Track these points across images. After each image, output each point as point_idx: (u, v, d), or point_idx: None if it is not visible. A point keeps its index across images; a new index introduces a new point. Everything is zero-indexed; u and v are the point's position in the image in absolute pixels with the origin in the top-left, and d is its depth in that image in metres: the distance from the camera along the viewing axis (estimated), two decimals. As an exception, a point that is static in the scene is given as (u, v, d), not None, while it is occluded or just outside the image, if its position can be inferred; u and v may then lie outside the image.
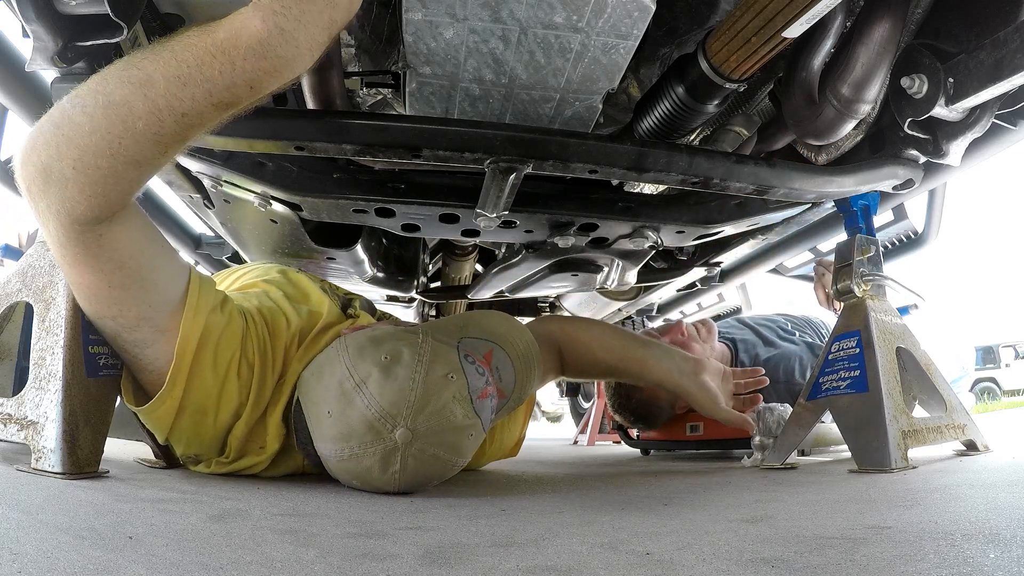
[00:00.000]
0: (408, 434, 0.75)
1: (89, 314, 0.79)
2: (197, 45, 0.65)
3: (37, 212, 0.71)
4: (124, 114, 0.65)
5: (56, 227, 0.70)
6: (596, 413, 2.84)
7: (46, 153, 0.67)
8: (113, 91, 0.66)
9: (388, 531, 0.60)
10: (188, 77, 0.65)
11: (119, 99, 0.65)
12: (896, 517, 0.59)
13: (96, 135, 0.66)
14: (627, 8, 0.79)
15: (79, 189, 0.68)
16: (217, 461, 0.88)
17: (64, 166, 0.67)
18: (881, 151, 1.07)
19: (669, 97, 0.95)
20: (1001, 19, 0.81)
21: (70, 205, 0.69)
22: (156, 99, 0.65)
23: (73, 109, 0.67)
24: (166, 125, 0.66)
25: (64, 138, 0.66)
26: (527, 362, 0.95)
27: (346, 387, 0.78)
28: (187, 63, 0.65)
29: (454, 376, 0.79)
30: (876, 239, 1.13)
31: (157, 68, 0.65)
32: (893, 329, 1.05)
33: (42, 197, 0.69)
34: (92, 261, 0.73)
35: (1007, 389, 10.99)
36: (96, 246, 0.72)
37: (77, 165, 0.67)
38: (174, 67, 0.65)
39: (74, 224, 0.70)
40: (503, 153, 0.92)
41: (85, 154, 0.66)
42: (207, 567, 0.44)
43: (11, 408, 0.76)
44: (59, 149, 0.66)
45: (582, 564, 0.48)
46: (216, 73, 0.65)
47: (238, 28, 0.65)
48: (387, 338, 0.82)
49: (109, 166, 0.67)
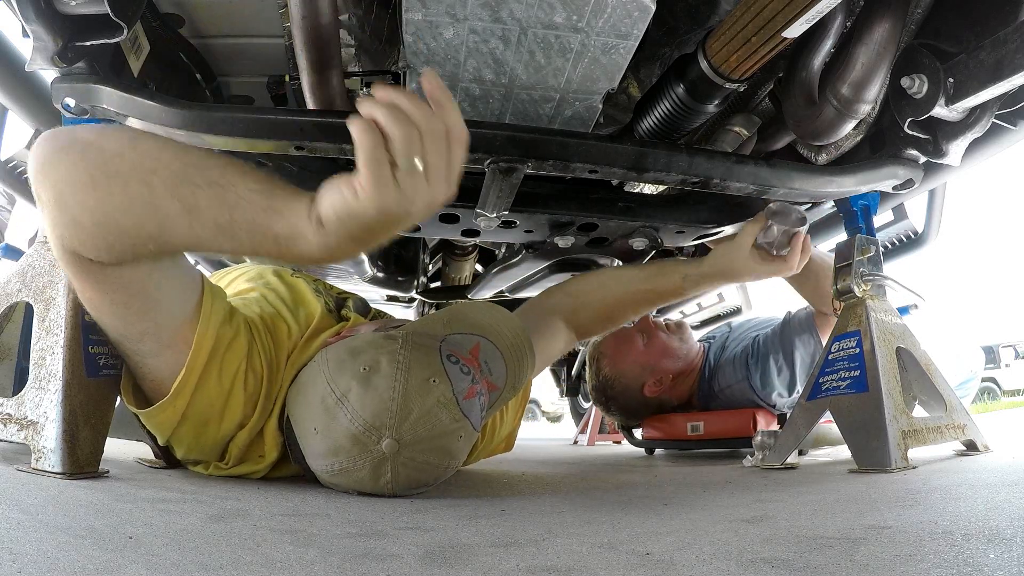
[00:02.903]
0: (395, 444, 0.74)
1: (93, 318, 0.77)
2: (256, 219, 0.64)
3: (43, 219, 0.69)
4: (161, 218, 0.65)
5: (58, 250, 0.69)
6: (596, 413, 2.83)
7: (69, 192, 0.64)
8: (162, 197, 0.64)
9: (388, 531, 0.60)
10: (231, 232, 0.65)
11: (165, 205, 0.64)
12: (896, 517, 0.59)
13: (128, 216, 0.65)
14: (627, 8, 0.79)
15: (91, 239, 0.66)
16: (216, 465, 0.88)
17: (82, 215, 0.65)
18: (881, 151, 1.07)
19: (669, 97, 0.95)
20: (1001, 19, 0.81)
21: (77, 245, 0.67)
22: (197, 228, 0.65)
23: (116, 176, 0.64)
24: (198, 242, 0.67)
25: (94, 192, 0.64)
26: (517, 350, 0.94)
27: (328, 403, 0.77)
28: (238, 223, 0.65)
29: (436, 380, 0.77)
30: (876, 239, 1.13)
31: (211, 204, 0.64)
32: (893, 329, 1.05)
33: (49, 220, 0.66)
34: (94, 284, 0.72)
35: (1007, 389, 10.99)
36: (100, 274, 0.70)
37: (100, 222, 0.65)
38: (226, 216, 0.64)
39: (78, 258, 0.68)
40: (503, 153, 0.92)
41: (109, 220, 0.65)
42: (207, 567, 0.44)
43: (11, 408, 0.76)
44: (84, 198, 0.64)
45: (582, 564, 0.48)
46: (255, 245, 0.67)
47: (297, 235, 0.65)
48: (365, 347, 0.81)
49: (131, 244, 0.67)
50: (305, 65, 0.88)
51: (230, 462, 0.87)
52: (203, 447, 0.85)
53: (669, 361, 1.78)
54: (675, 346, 1.79)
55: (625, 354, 1.79)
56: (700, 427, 1.75)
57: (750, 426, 1.62)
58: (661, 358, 1.77)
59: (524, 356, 0.94)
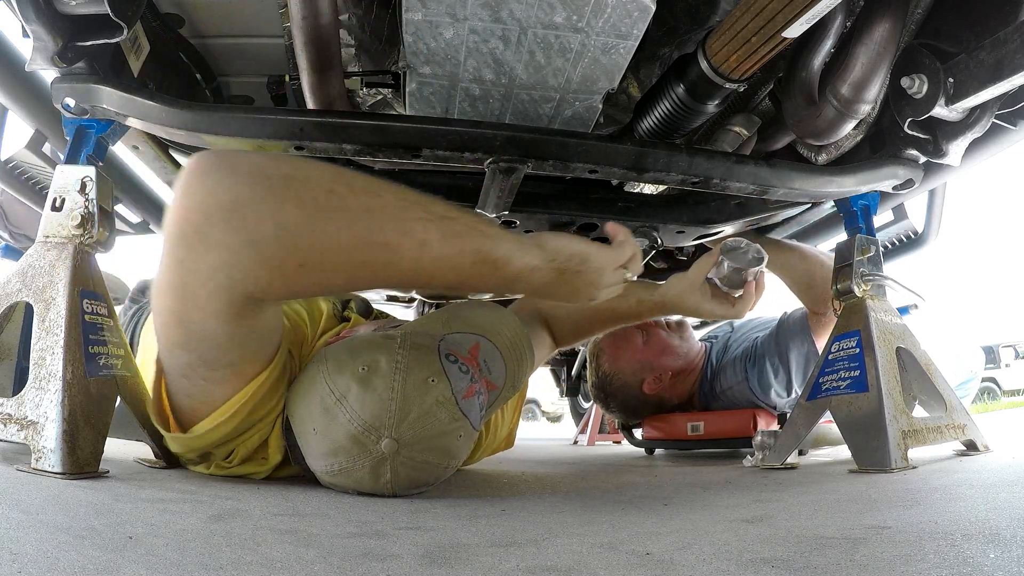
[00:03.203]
0: (394, 444, 0.74)
1: (170, 344, 0.72)
2: (482, 246, 0.70)
3: (189, 265, 0.62)
4: (389, 254, 0.65)
5: (221, 291, 0.62)
6: (596, 413, 2.83)
7: (274, 232, 0.59)
8: (391, 232, 0.64)
9: (388, 531, 0.60)
10: (456, 262, 0.69)
11: (394, 240, 0.64)
12: (896, 517, 0.59)
13: (350, 254, 0.64)
14: (627, 8, 0.80)
15: (286, 279, 0.63)
16: (219, 464, 0.88)
17: (287, 256, 0.61)
18: (881, 151, 1.07)
19: (669, 97, 0.95)
20: (1001, 19, 0.81)
21: (259, 287, 0.62)
22: (424, 261, 0.66)
23: (336, 212, 0.62)
24: (416, 276, 0.68)
25: (310, 231, 0.61)
26: (517, 350, 0.94)
27: (327, 403, 0.76)
28: (467, 251, 0.69)
29: (434, 379, 0.77)
30: (876, 239, 1.13)
31: (442, 236, 0.67)
32: (893, 329, 1.05)
33: (223, 260, 0.60)
34: (237, 320, 0.67)
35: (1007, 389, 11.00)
36: (252, 310, 0.67)
37: (305, 262, 0.62)
38: (457, 246, 0.68)
39: (243, 299, 0.64)
40: (503, 153, 0.92)
41: (325, 259, 0.63)
42: (207, 567, 0.44)
43: (11, 408, 0.76)
44: (296, 239, 0.60)
45: (582, 564, 0.48)
46: (476, 271, 0.71)
47: (527, 273, 0.74)
48: (364, 348, 0.80)
49: (330, 281, 0.66)
50: (305, 65, 0.88)
51: (235, 460, 0.87)
52: (215, 451, 0.85)
53: (668, 359, 1.78)
54: (675, 344, 1.79)
55: (624, 351, 1.79)
56: (700, 427, 1.75)
57: (750, 426, 1.62)
58: (660, 355, 1.78)
59: (523, 355, 0.94)
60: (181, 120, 0.88)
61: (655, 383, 1.78)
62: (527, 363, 0.96)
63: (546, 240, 0.77)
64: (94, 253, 0.88)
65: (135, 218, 1.70)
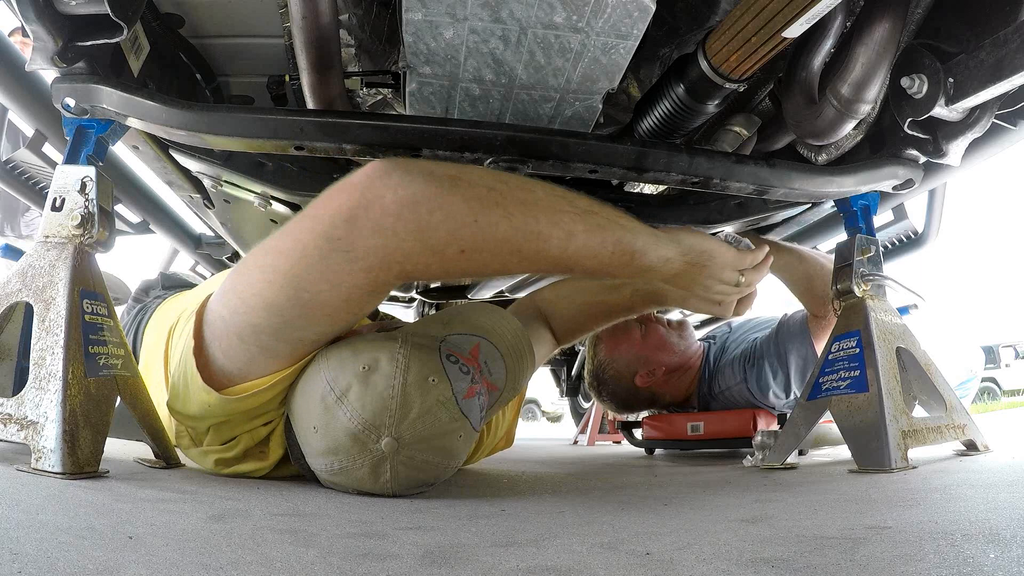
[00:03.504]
0: (394, 443, 0.75)
1: (256, 303, 0.74)
2: (623, 237, 0.79)
3: (344, 245, 0.69)
4: (541, 243, 0.74)
5: (380, 272, 0.71)
6: (596, 413, 2.84)
7: (444, 224, 0.69)
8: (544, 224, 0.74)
9: (388, 531, 0.60)
10: (596, 251, 0.78)
11: (546, 231, 0.74)
12: (896, 517, 0.59)
13: (505, 244, 0.73)
14: (627, 8, 0.80)
15: (443, 264, 0.72)
16: (218, 459, 0.88)
17: (450, 245, 0.70)
18: (881, 151, 1.07)
19: (669, 97, 0.95)
20: (1001, 19, 0.81)
21: (417, 269, 0.71)
22: (571, 250, 0.76)
23: (496, 207, 0.72)
24: (559, 262, 0.77)
25: (474, 223, 0.70)
26: (517, 352, 0.94)
27: (328, 401, 0.77)
28: (607, 242, 0.78)
29: (435, 379, 0.77)
30: (876, 239, 1.13)
31: (587, 228, 0.76)
32: (893, 329, 1.05)
33: (389, 249, 0.69)
34: (371, 295, 0.75)
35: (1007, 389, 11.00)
36: (383, 291, 0.75)
37: (465, 248, 0.71)
38: (598, 237, 0.77)
39: (394, 277, 0.72)
40: (503, 153, 0.92)
41: (484, 246, 0.71)
42: (207, 567, 0.44)
43: (11, 408, 0.76)
44: (461, 230, 0.70)
45: (582, 564, 0.48)
46: (614, 259, 0.79)
47: (660, 264, 0.84)
48: (365, 347, 0.81)
49: (485, 265, 0.74)
50: (305, 65, 0.88)
51: (237, 450, 0.87)
52: (223, 432, 0.86)
53: (663, 355, 1.79)
54: (672, 341, 1.81)
55: (621, 342, 1.82)
56: (700, 427, 1.75)
57: (750, 426, 1.62)
58: (656, 350, 1.79)
59: (524, 357, 0.94)
60: (181, 120, 0.88)
61: (647, 377, 1.80)
62: (527, 365, 0.96)
63: (682, 236, 0.88)
64: (94, 253, 0.88)
65: (135, 218, 1.71)
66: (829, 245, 1.63)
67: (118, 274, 2.06)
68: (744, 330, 1.90)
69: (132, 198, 1.59)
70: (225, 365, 0.79)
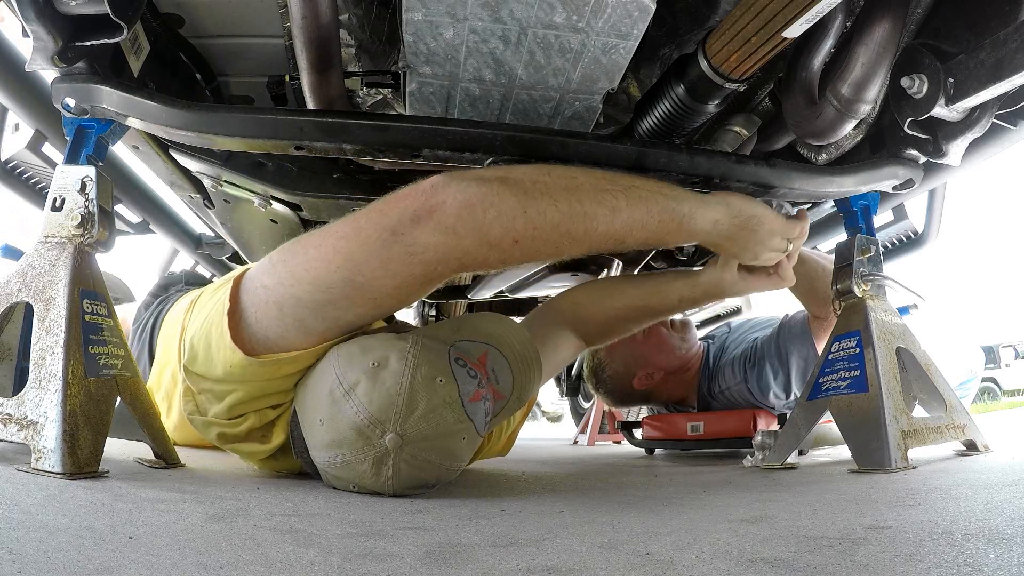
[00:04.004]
0: (398, 439, 0.75)
1: (307, 276, 0.78)
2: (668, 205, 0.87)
3: (407, 239, 0.75)
4: (589, 221, 0.81)
5: (422, 261, 0.76)
6: (596, 413, 2.84)
7: (497, 221, 0.76)
8: (589, 204, 0.81)
9: (388, 531, 0.60)
10: (643, 221, 0.85)
11: (593, 211, 0.81)
12: (896, 517, 0.59)
13: (558, 227, 0.79)
14: (627, 8, 0.80)
15: (497, 252, 0.78)
16: (221, 434, 0.88)
17: (505, 237, 0.77)
18: (881, 151, 1.07)
19: (669, 97, 0.95)
20: (1001, 19, 0.81)
21: (475, 260, 0.78)
22: (617, 224, 0.83)
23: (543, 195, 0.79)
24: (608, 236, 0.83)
25: (524, 215, 0.77)
26: (525, 362, 0.95)
27: (336, 394, 0.78)
28: (653, 211, 0.85)
29: (442, 380, 0.78)
30: (876, 239, 1.13)
31: (630, 202, 0.83)
32: (893, 329, 1.05)
33: (441, 241, 0.75)
34: (424, 282, 0.80)
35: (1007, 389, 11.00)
36: (435, 283, 0.81)
37: (519, 238, 0.78)
38: (643, 209, 0.84)
39: (451, 271, 0.79)
40: (503, 153, 0.92)
41: (538, 233, 0.78)
42: (207, 567, 0.44)
43: (11, 408, 0.76)
44: (508, 224, 0.77)
45: (582, 564, 0.48)
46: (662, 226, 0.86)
47: (710, 226, 0.92)
48: (376, 345, 0.82)
49: (539, 251, 0.80)
50: (305, 65, 0.88)
51: (241, 426, 0.87)
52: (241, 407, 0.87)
53: (663, 357, 1.79)
54: (673, 343, 1.81)
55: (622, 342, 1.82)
56: (700, 427, 1.75)
57: (750, 426, 1.62)
58: (656, 352, 1.79)
59: (531, 368, 0.95)
60: (181, 120, 0.88)
61: (645, 379, 1.80)
62: (535, 376, 0.97)
63: (731, 200, 0.94)
64: (94, 253, 0.88)
65: (135, 218, 1.71)
66: (829, 245, 1.63)
67: (118, 274, 2.06)
68: (743, 330, 1.90)
69: (132, 198, 1.59)
70: (256, 332, 0.81)
